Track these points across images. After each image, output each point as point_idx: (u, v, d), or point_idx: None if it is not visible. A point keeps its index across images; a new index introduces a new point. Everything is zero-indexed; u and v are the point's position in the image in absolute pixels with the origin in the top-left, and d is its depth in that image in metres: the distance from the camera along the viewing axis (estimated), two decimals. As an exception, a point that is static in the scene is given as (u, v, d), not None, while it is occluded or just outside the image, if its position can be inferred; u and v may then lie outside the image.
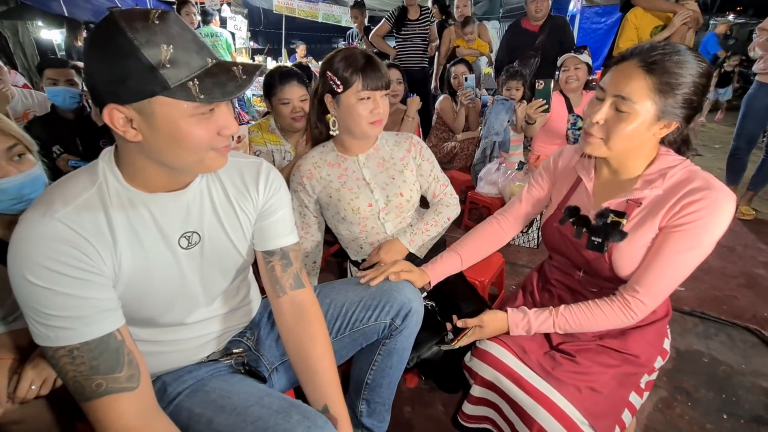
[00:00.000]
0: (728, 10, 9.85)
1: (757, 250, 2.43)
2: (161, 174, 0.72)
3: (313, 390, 0.86)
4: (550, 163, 1.14)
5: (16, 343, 0.87)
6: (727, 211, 0.82)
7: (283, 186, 0.92)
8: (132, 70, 0.59)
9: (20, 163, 0.90)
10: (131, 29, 0.58)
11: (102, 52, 0.60)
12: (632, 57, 0.83)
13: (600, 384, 0.91)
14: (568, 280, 1.09)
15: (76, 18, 5.24)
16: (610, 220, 0.92)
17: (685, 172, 0.87)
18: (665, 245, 0.86)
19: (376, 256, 1.26)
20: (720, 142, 5.03)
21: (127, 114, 0.62)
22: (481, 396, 1.03)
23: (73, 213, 0.65)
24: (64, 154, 1.94)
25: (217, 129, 0.68)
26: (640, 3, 2.46)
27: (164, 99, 0.61)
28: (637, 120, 0.82)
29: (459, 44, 3.56)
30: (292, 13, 6.43)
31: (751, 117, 2.67)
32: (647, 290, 0.88)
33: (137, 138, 0.64)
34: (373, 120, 1.16)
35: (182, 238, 0.78)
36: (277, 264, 0.90)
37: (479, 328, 1.01)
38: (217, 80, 0.63)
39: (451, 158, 2.95)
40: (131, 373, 0.67)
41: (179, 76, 0.61)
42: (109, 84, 0.60)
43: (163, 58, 0.59)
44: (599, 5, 5.96)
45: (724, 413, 1.37)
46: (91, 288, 0.65)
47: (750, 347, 1.66)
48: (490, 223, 1.20)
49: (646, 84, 0.80)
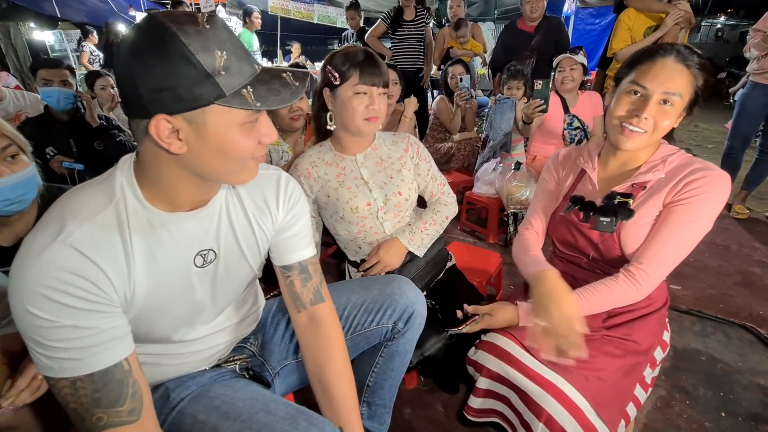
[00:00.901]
0: (719, 12, 9.98)
1: (752, 248, 2.45)
2: (190, 188, 0.67)
3: (329, 410, 0.84)
4: (550, 164, 1.18)
5: (7, 348, 0.86)
6: (725, 187, 0.90)
7: (302, 196, 0.89)
8: (186, 77, 0.55)
9: (13, 163, 0.89)
10: (184, 34, 0.54)
11: (150, 57, 0.55)
12: (667, 54, 0.90)
13: (606, 373, 0.92)
14: (572, 269, 1.11)
15: (69, 19, 5.19)
16: (617, 200, 0.97)
17: (684, 157, 0.97)
18: (668, 219, 0.92)
19: (376, 255, 1.25)
20: (713, 142, 5.08)
21: (175, 124, 0.58)
22: (488, 388, 1.03)
23: (87, 236, 0.60)
24: (58, 156, 1.92)
25: (259, 137, 0.65)
26: (632, 4, 2.48)
27: (219, 108, 0.58)
28: (678, 111, 0.91)
29: (453, 45, 3.57)
30: (287, 14, 6.42)
31: (745, 116, 2.70)
32: (650, 261, 0.92)
33: (182, 150, 0.59)
34: (368, 116, 1.15)
35: (198, 257, 0.74)
36: (296, 279, 0.88)
37: (489, 316, 1.02)
38: (270, 87, 0.61)
39: (448, 159, 2.95)
40: (133, 407, 0.63)
41: (234, 84, 0.58)
42: (157, 93, 0.55)
43: (218, 65, 0.56)
44: (593, 6, 6.00)
45: (723, 411, 1.37)
46: (97, 318, 0.61)
47: (747, 345, 1.67)
48: (530, 234, 1.17)
49: (689, 80, 0.89)
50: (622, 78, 0.97)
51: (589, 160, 1.06)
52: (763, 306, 1.90)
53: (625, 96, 0.94)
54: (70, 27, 6.70)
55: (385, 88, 1.16)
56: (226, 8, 6.52)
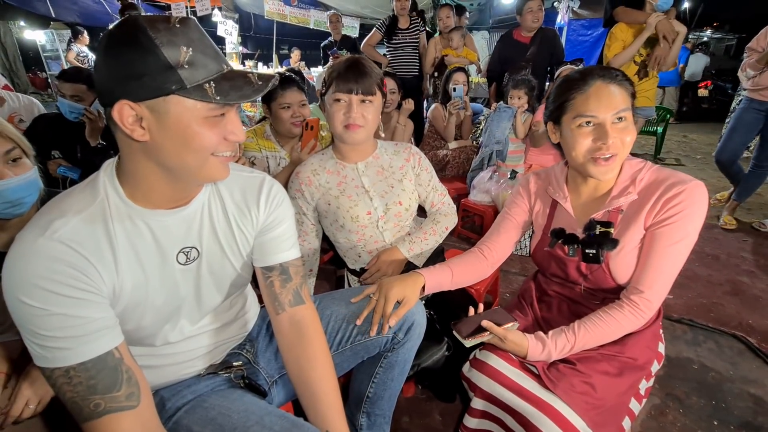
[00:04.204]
0: (705, 26, 10.23)
1: (740, 258, 2.50)
2: (162, 184, 0.70)
3: (314, 415, 0.84)
4: (520, 190, 1.17)
5: (7, 356, 0.84)
6: (703, 197, 0.90)
7: (286, 200, 0.90)
8: (150, 67, 0.59)
9: (16, 166, 0.88)
10: (153, 29, 0.59)
11: (120, 48, 0.60)
12: (593, 80, 0.90)
13: (602, 392, 0.91)
14: (568, 291, 1.10)
15: (63, 19, 5.15)
16: (598, 231, 0.96)
17: (651, 173, 0.95)
18: (656, 242, 0.91)
19: (375, 265, 1.25)
20: (701, 153, 5.18)
21: (138, 111, 0.61)
22: (484, 409, 1.02)
23: (73, 232, 0.64)
24: (58, 160, 1.90)
25: (224, 134, 0.67)
26: (620, 18, 2.56)
27: (179, 98, 0.61)
28: (632, 124, 0.91)
29: (448, 53, 3.61)
30: (283, 19, 6.43)
31: (739, 131, 2.74)
32: (650, 288, 0.91)
33: (144, 138, 0.63)
34: (346, 123, 1.15)
35: (180, 254, 0.77)
36: (276, 279, 0.88)
37: (499, 339, 0.96)
38: (233, 84, 0.64)
39: (443, 166, 2.97)
40: (130, 392, 0.65)
41: (196, 77, 0.61)
42: (123, 80, 0.60)
43: (182, 59, 0.60)
44: (585, 18, 6.11)
45: (715, 420, 1.39)
46: (87, 307, 0.64)
47: (737, 354, 1.70)
48: (474, 253, 1.18)
49: (625, 94, 0.90)
50: (557, 118, 0.96)
51: (559, 189, 1.05)
52: (752, 315, 1.94)
53: (577, 131, 0.92)
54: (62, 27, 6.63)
55: (367, 95, 1.14)
56: (222, 11, 6.51)
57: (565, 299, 1.10)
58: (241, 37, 7.15)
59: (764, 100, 2.58)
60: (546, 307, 1.13)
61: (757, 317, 1.92)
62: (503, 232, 1.17)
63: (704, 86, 7.67)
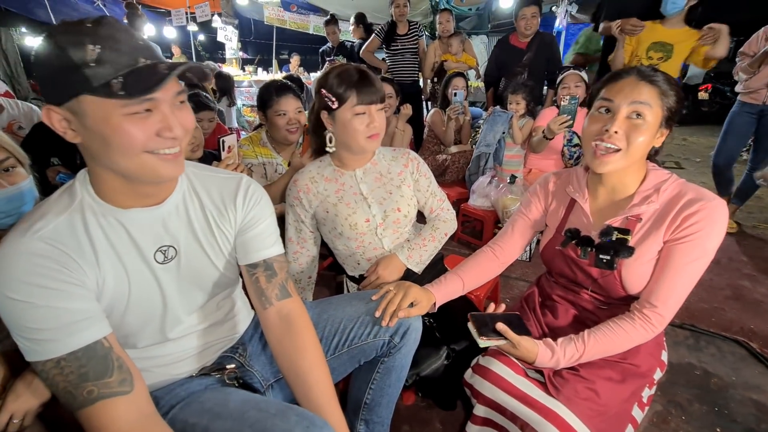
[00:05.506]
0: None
1: (741, 262, 2.49)
2: (119, 184, 0.71)
3: (308, 403, 0.83)
4: (537, 189, 1.16)
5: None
6: (723, 216, 0.88)
7: (264, 198, 0.91)
8: (57, 70, 0.60)
9: (10, 175, 0.88)
10: (63, 32, 0.60)
11: (39, 54, 0.62)
12: (628, 75, 0.90)
13: (606, 398, 0.91)
14: (573, 296, 1.09)
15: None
16: (615, 237, 0.94)
17: (677, 185, 0.93)
18: (673, 258, 0.89)
19: (374, 273, 1.25)
20: (701, 156, 5.18)
21: (63, 115, 0.63)
22: (486, 417, 1.01)
23: (53, 231, 0.67)
24: (57, 167, 1.90)
25: (155, 130, 0.65)
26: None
27: (89, 98, 0.61)
28: (651, 125, 0.88)
29: (447, 58, 3.62)
30: (282, 24, 6.47)
31: (732, 134, 2.76)
32: (664, 303, 0.90)
33: (76, 140, 0.65)
34: (369, 134, 1.16)
35: (158, 252, 0.78)
36: (261, 275, 0.88)
37: (511, 344, 0.95)
38: (140, 77, 0.62)
39: (442, 171, 2.97)
40: (122, 378, 0.66)
41: (104, 75, 0.60)
42: (43, 85, 0.62)
43: (88, 58, 0.60)
44: (584, 23, 6.14)
45: (718, 427, 1.38)
46: (71, 299, 0.65)
47: (739, 359, 1.69)
48: (485, 252, 1.19)
49: (656, 93, 0.87)
50: (594, 99, 0.97)
51: (579, 189, 1.03)
52: (754, 320, 1.93)
53: (595, 114, 0.93)
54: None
55: (382, 103, 1.17)
56: (222, 17, 6.55)
57: (569, 304, 1.10)
58: (240, 42, 7.18)
59: (755, 103, 2.61)
60: (549, 312, 1.12)
61: (759, 322, 1.91)
62: (517, 231, 1.17)
63: (704, 89, 7.67)
